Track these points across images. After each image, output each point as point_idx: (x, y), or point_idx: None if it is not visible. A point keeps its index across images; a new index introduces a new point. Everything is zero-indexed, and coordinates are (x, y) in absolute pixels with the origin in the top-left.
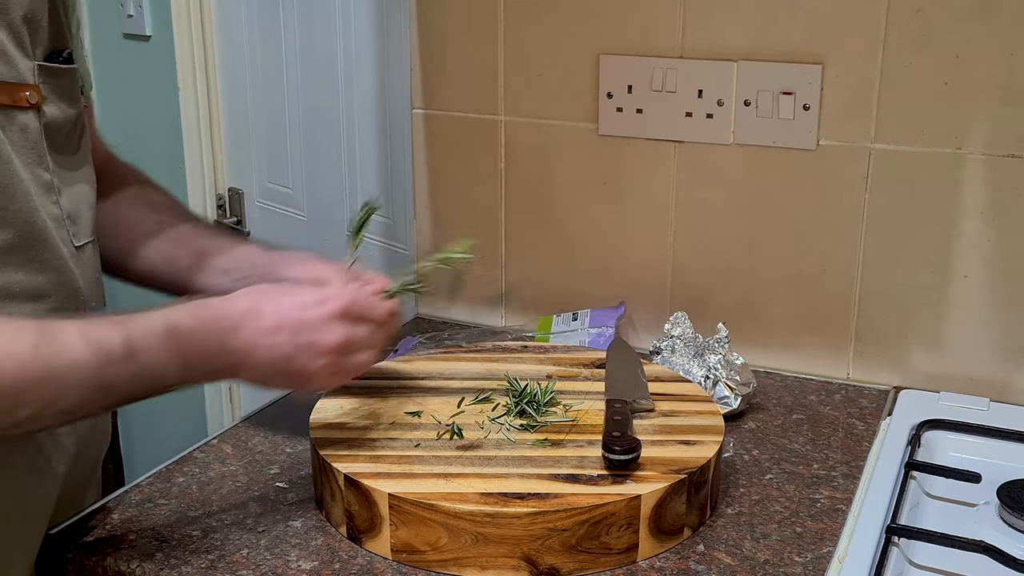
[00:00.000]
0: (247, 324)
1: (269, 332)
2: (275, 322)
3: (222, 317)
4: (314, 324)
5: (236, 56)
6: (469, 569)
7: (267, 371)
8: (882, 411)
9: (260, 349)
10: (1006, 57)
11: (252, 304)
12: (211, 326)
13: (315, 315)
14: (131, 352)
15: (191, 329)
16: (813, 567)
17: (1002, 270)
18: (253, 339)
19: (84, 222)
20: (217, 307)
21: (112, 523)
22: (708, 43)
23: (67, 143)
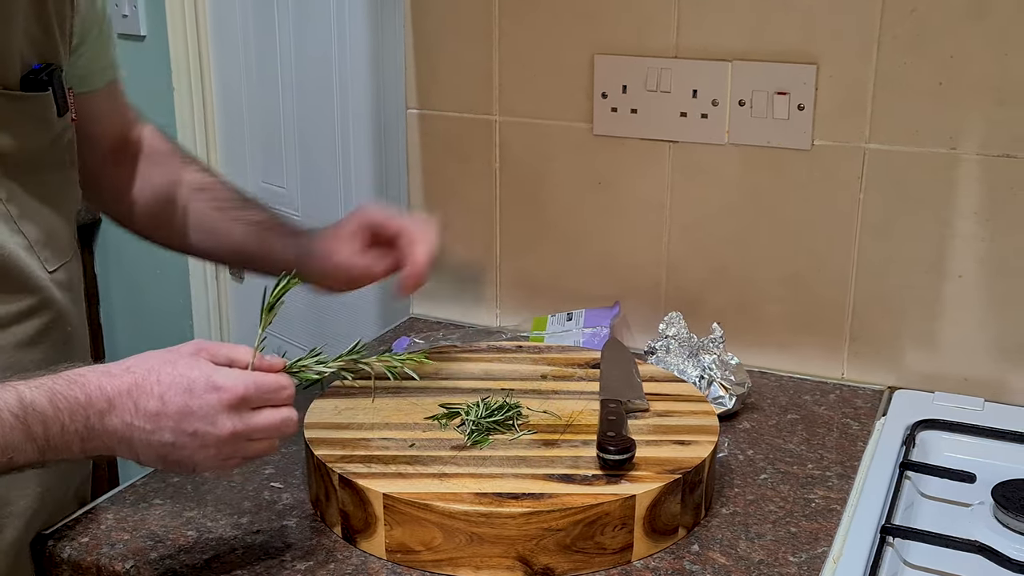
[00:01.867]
0: (123, 408)
1: (149, 418)
2: (157, 407)
3: (92, 400)
4: (200, 413)
5: (231, 56)
6: (464, 569)
7: (146, 455)
8: (877, 411)
9: (137, 433)
10: (1000, 57)
11: (132, 383)
12: (77, 408)
13: (202, 404)
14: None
15: (51, 413)
16: (808, 567)
17: (997, 270)
18: (129, 423)
19: (58, 243)
20: (88, 388)
21: (107, 523)
22: (703, 43)
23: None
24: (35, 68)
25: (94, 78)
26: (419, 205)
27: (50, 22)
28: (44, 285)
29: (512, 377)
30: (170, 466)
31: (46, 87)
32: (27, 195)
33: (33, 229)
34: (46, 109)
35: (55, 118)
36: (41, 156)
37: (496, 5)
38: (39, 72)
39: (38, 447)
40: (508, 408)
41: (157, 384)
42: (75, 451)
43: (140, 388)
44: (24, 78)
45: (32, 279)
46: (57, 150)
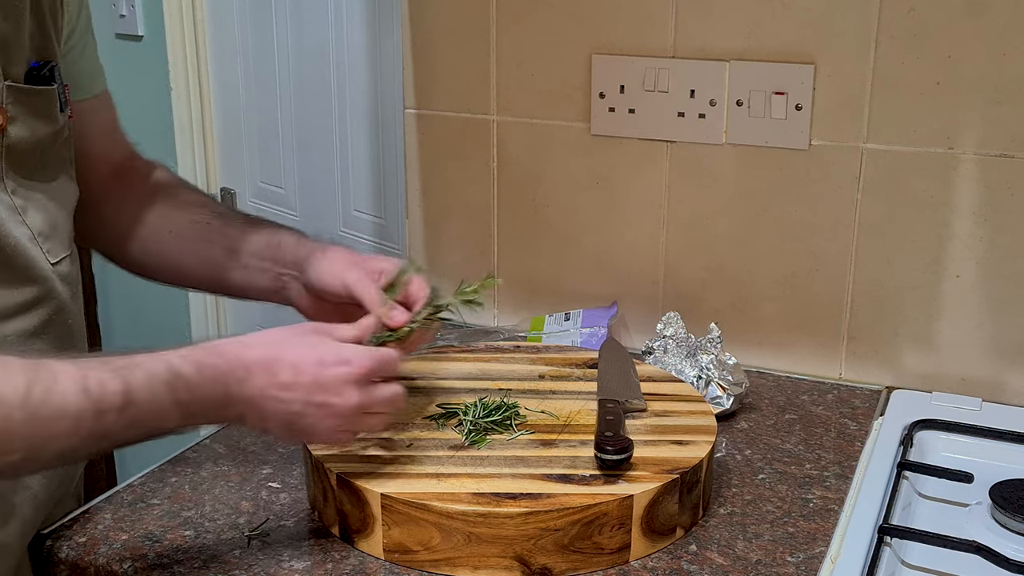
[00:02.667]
0: (259, 375)
1: (282, 387)
2: (290, 378)
3: (233, 367)
4: (331, 385)
5: (228, 56)
6: (461, 569)
7: (273, 424)
8: (874, 411)
9: (269, 402)
10: (998, 57)
11: (267, 355)
12: (219, 377)
13: (333, 376)
14: (130, 401)
15: (196, 380)
16: (805, 567)
17: (994, 270)
18: (263, 391)
19: (59, 237)
20: (229, 356)
21: (104, 523)
22: (700, 43)
23: (37, 162)
24: (34, 65)
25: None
26: (417, 205)
27: (44, 19)
28: (48, 276)
29: (510, 377)
30: (293, 434)
31: (49, 82)
32: (32, 187)
33: (37, 221)
34: (52, 103)
35: (58, 113)
36: (45, 150)
37: (494, 5)
38: (39, 69)
39: (182, 412)
40: (506, 408)
41: (291, 356)
42: (213, 417)
43: (275, 359)
44: (27, 74)
45: (36, 270)
46: (58, 145)
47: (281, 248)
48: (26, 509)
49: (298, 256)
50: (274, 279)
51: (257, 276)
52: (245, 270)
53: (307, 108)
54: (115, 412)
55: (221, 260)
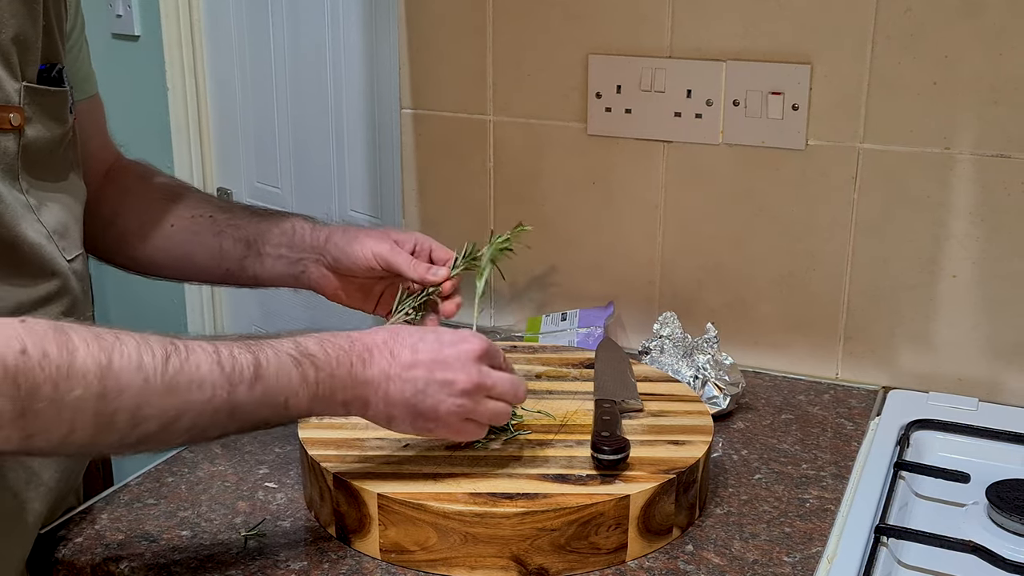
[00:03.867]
0: (382, 356)
1: (405, 366)
2: (411, 357)
3: (356, 348)
4: (451, 361)
5: (225, 56)
6: (458, 569)
7: (397, 406)
8: (871, 411)
9: (394, 382)
10: (995, 57)
11: (389, 337)
12: (343, 355)
13: (454, 352)
14: (260, 375)
15: (322, 358)
16: (802, 567)
17: (990, 270)
18: (387, 371)
19: (73, 235)
20: (351, 337)
21: (101, 523)
22: (697, 43)
23: (49, 162)
24: (42, 68)
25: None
26: (414, 205)
27: (51, 23)
28: (64, 272)
29: None
30: (418, 417)
31: (60, 83)
32: (44, 187)
33: (51, 219)
34: (64, 104)
35: (68, 114)
36: (56, 150)
37: (490, 5)
38: (47, 71)
39: (310, 392)
40: None
41: (409, 336)
42: (337, 401)
43: (395, 340)
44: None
45: (55, 265)
46: (66, 146)
47: (296, 233)
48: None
49: (317, 240)
50: (292, 264)
51: (273, 263)
52: (260, 258)
53: (303, 108)
54: (246, 385)
55: (233, 251)
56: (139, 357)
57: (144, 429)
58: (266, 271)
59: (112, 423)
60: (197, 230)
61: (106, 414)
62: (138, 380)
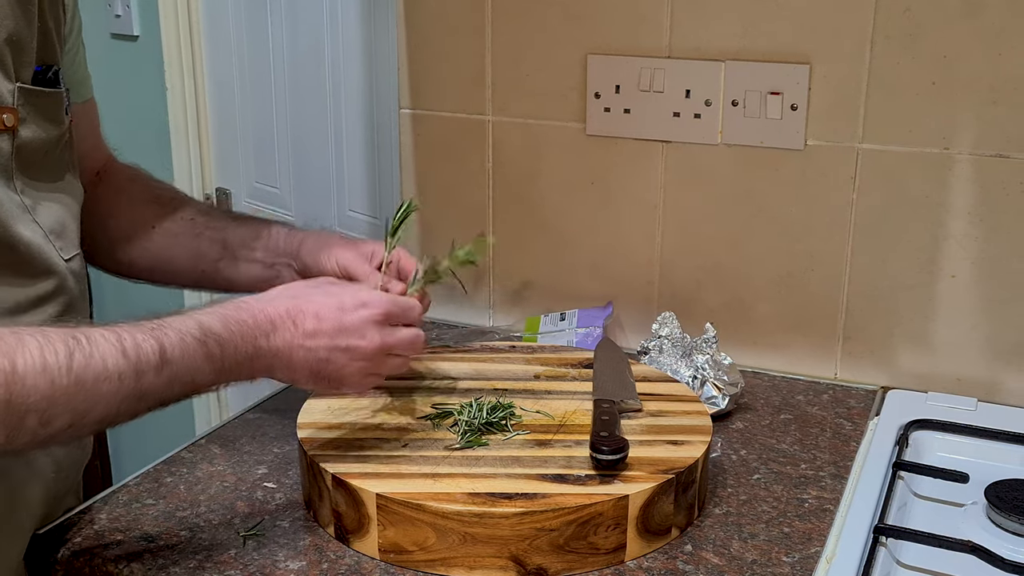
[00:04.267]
0: (285, 327)
1: (307, 335)
2: (314, 326)
3: (259, 321)
4: (353, 328)
5: (224, 56)
6: (457, 569)
7: (302, 372)
8: (870, 411)
9: (297, 351)
10: (994, 57)
11: (290, 307)
12: (247, 331)
13: (354, 319)
14: (165, 360)
15: (226, 335)
16: (801, 567)
17: (989, 270)
18: (290, 341)
19: (69, 235)
20: (253, 311)
21: (100, 523)
22: (695, 43)
23: (44, 162)
24: (37, 69)
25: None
26: None
27: (47, 24)
28: (62, 271)
29: (505, 377)
30: (321, 382)
31: (55, 85)
32: (39, 188)
33: (47, 220)
34: (59, 105)
35: (63, 115)
36: (51, 151)
37: (489, 5)
38: (43, 72)
39: (215, 368)
40: (501, 408)
41: (311, 304)
42: (244, 372)
43: (297, 309)
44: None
45: (52, 264)
46: (62, 147)
47: (272, 238)
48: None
49: (291, 244)
50: (266, 268)
51: (248, 267)
52: (235, 261)
53: (302, 108)
54: (153, 371)
55: (211, 253)
56: (43, 358)
57: (55, 426)
58: (240, 275)
59: (22, 426)
60: (177, 232)
61: (15, 417)
62: (44, 382)
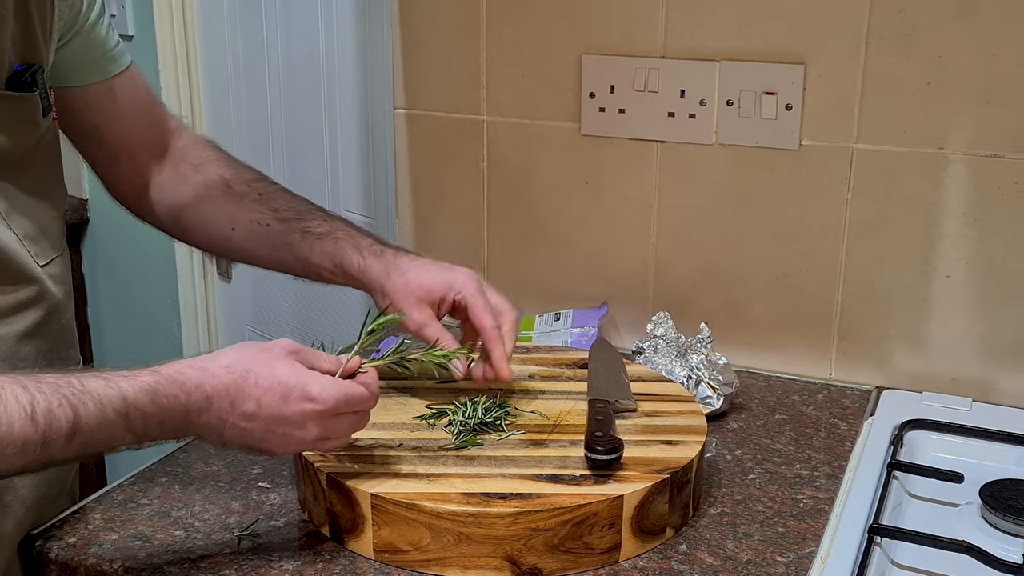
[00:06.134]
0: (220, 407)
1: (243, 417)
2: (253, 409)
3: (192, 399)
4: (292, 419)
5: (218, 56)
6: (451, 569)
7: (233, 444)
8: (864, 411)
9: (230, 428)
10: (988, 57)
11: (230, 383)
12: (177, 406)
13: (296, 411)
14: (78, 430)
15: (152, 410)
16: (795, 567)
17: (984, 270)
18: (224, 419)
19: (48, 239)
20: (188, 387)
21: (94, 523)
22: (690, 43)
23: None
24: (17, 69)
25: (91, 70)
26: (407, 205)
27: (31, 21)
28: (39, 277)
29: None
30: (253, 452)
31: (31, 88)
32: (16, 192)
33: (23, 224)
34: (34, 109)
35: (41, 118)
36: (28, 155)
37: (484, 5)
38: (22, 73)
39: (136, 436)
40: (496, 408)
41: (255, 387)
42: (169, 437)
43: (238, 388)
44: (8, 79)
45: (28, 271)
46: (42, 148)
47: (344, 265)
48: (16, 508)
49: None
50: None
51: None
52: (320, 277)
53: (297, 107)
54: (62, 441)
55: (295, 266)
56: None
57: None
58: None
59: None
60: (255, 239)
61: None
62: None
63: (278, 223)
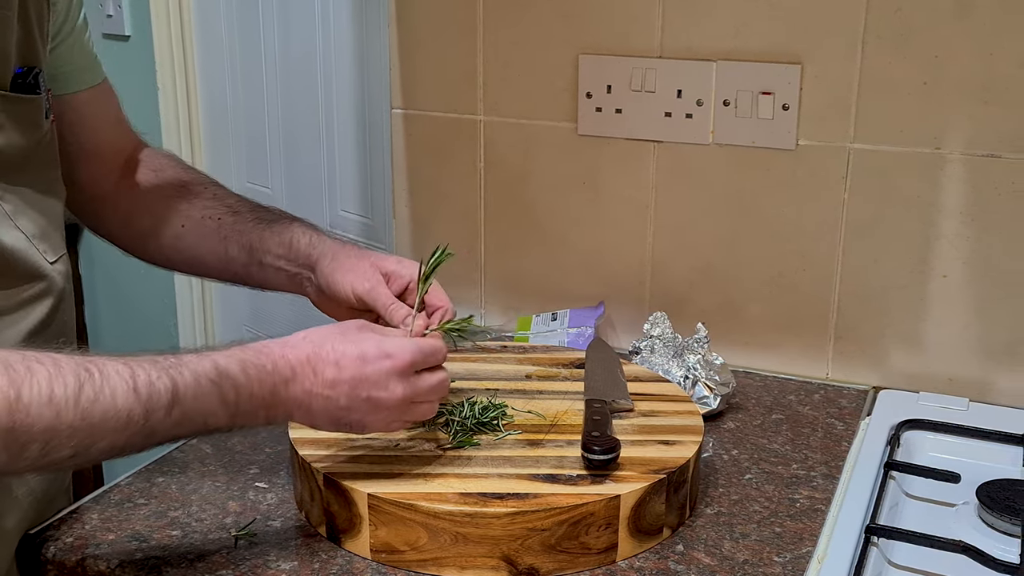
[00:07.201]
0: (304, 376)
1: (327, 385)
2: (334, 375)
3: (278, 368)
4: (374, 379)
5: (215, 56)
6: (448, 569)
7: (321, 419)
8: (861, 411)
9: (316, 400)
10: (985, 57)
11: (311, 354)
12: (265, 377)
13: (376, 370)
14: (177, 400)
15: (242, 380)
16: (792, 567)
17: (981, 270)
18: (310, 390)
19: (54, 238)
20: (274, 357)
21: (91, 523)
22: (687, 43)
23: (24, 167)
24: (18, 71)
25: (71, 79)
26: (404, 205)
27: (30, 24)
28: (49, 274)
29: (497, 377)
30: (342, 428)
31: (35, 90)
32: (19, 193)
33: (29, 224)
34: (37, 111)
35: (43, 120)
36: (30, 156)
37: (480, 5)
38: (24, 75)
39: (229, 412)
40: (493, 408)
41: (333, 352)
42: (260, 418)
43: (318, 357)
44: (12, 81)
45: (38, 268)
46: (43, 150)
47: (293, 247)
48: (24, 503)
49: (310, 259)
50: (291, 277)
51: (274, 274)
52: (262, 267)
53: (294, 108)
54: (163, 410)
55: (239, 258)
56: (50, 389)
57: (57, 455)
58: (269, 280)
59: (23, 454)
60: (204, 233)
61: (17, 445)
62: (49, 413)
63: (230, 215)
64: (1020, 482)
